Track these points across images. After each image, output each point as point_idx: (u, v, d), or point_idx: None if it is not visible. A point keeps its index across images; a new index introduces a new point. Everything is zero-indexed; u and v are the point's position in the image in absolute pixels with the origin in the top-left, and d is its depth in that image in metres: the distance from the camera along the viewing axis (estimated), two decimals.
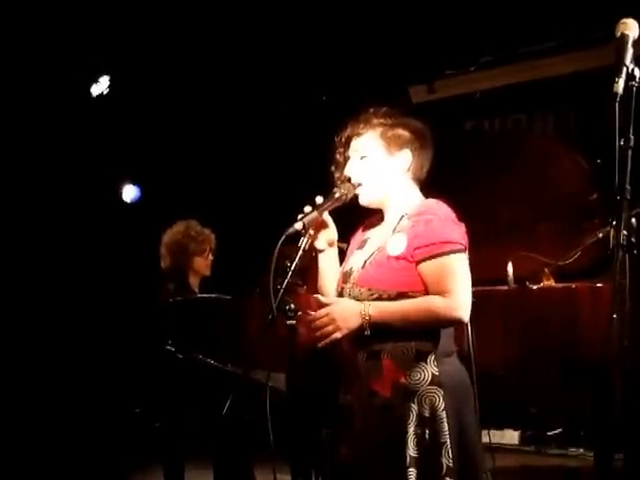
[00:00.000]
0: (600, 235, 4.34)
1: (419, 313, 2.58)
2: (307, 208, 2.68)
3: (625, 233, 2.16)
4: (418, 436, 2.55)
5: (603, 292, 4.07)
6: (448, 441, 2.53)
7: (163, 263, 4.65)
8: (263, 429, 2.63)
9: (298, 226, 2.63)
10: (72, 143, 6.93)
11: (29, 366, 6.40)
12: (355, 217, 2.90)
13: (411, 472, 2.52)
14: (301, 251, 2.64)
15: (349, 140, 2.78)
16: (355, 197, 2.76)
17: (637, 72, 2.23)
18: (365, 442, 2.62)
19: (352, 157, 2.77)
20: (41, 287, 6.67)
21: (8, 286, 6.51)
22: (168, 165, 7.41)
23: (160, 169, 7.41)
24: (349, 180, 2.75)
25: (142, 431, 4.53)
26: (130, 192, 7.61)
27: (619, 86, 2.19)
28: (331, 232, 2.80)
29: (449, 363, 2.64)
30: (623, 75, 2.21)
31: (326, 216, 2.75)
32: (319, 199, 2.71)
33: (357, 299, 2.65)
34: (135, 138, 7.26)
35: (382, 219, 2.81)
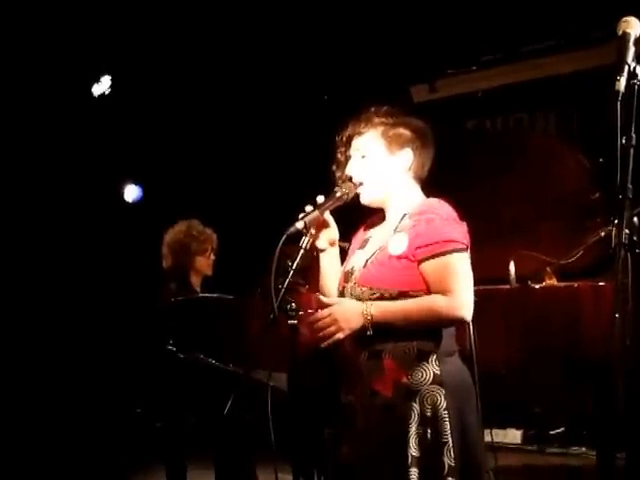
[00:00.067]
0: (602, 234, 4.33)
1: (421, 312, 2.57)
2: (308, 207, 2.68)
3: (627, 232, 2.16)
4: (420, 436, 2.54)
5: (605, 291, 4.06)
6: (450, 441, 2.53)
7: (165, 263, 4.65)
8: (265, 429, 2.63)
9: (299, 225, 2.63)
10: (74, 143, 6.93)
11: (31, 366, 6.40)
12: (356, 216, 2.89)
13: (413, 472, 2.51)
14: (302, 250, 2.64)
15: (350, 139, 2.77)
16: (356, 196, 2.76)
17: (639, 70, 2.22)
18: (367, 442, 2.61)
19: (353, 156, 2.77)
20: (43, 287, 6.67)
21: (10, 286, 6.51)
22: (170, 165, 7.41)
23: (162, 169, 7.42)
24: (350, 179, 2.75)
25: (144, 431, 4.53)
26: (132, 192, 7.62)
27: (621, 84, 2.19)
28: (332, 231, 2.79)
29: (451, 362, 2.64)
30: (625, 73, 2.20)
31: (327, 215, 2.74)
32: (320, 198, 2.70)
33: (358, 298, 2.65)
34: (137, 138, 7.26)
35: (383, 218, 2.81)
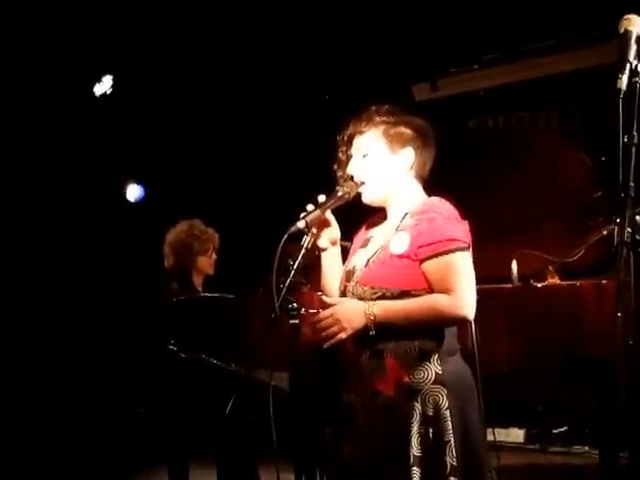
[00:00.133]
0: (605, 232, 4.33)
1: (423, 312, 2.57)
2: (310, 206, 2.67)
3: (629, 230, 2.16)
4: (422, 435, 2.54)
5: (608, 290, 4.05)
6: (452, 440, 2.53)
7: (167, 262, 4.65)
8: (266, 428, 2.63)
9: (301, 225, 2.62)
10: (76, 143, 6.93)
11: (33, 366, 6.40)
12: (358, 216, 2.89)
13: (415, 471, 2.51)
14: (304, 250, 2.64)
15: (351, 138, 2.77)
16: (358, 195, 2.75)
17: None
18: (369, 441, 2.61)
19: (354, 155, 2.76)
20: (45, 286, 6.67)
21: (11, 285, 6.52)
22: (172, 164, 7.41)
23: (164, 168, 7.42)
24: (352, 178, 2.75)
25: (146, 431, 4.53)
26: (134, 191, 7.62)
27: (622, 82, 2.19)
28: (334, 231, 2.79)
29: (453, 362, 2.63)
30: (626, 71, 2.20)
31: (329, 214, 2.74)
32: (322, 198, 2.70)
33: (360, 298, 2.64)
34: (138, 138, 7.26)
35: (385, 217, 2.80)
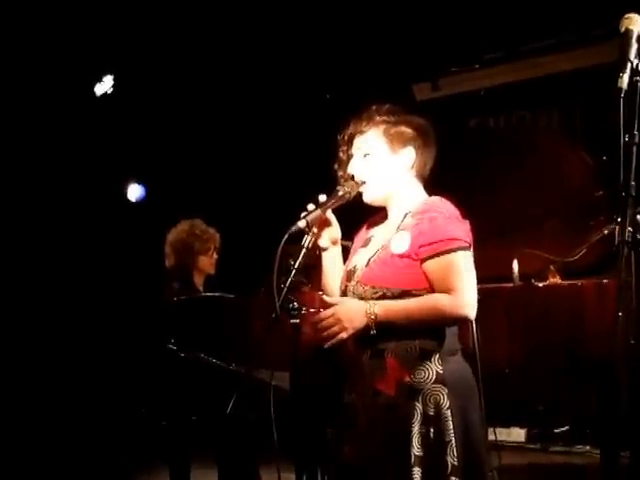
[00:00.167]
0: (606, 232, 4.32)
1: (424, 311, 2.57)
2: (310, 206, 2.67)
3: (630, 230, 2.15)
4: (423, 435, 2.54)
5: (609, 289, 4.05)
6: (453, 440, 2.53)
7: (168, 262, 4.64)
8: (267, 428, 2.63)
9: (301, 224, 2.62)
10: (77, 143, 6.93)
11: (34, 365, 6.41)
12: (359, 215, 2.89)
13: (416, 471, 2.51)
14: (304, 249, 2.64)
15: (352, 138, 2.76)
16: (359, 195, 2.75)
17: None
18: (369, 441, 2.60)
19: (355, 155, 2.76)
20: (46, 286, 6.67)
21: (12, 285, 6.52)
22: (172, 164, 7.41)
23: (164, 168, 7.41)
24: (352, 178, 2.74)
25: (147, 431, 4.53)
26: (135, 191, 7.62)
27: (623, 81, 2.18)
28: (334, 230, 2.79)
29: (453, 361, 2.63)
30: (627, 70, 2.20)
31: (329, 214, 2.74)
32: (322, 197, 2.70)
33: (361, 297, 2.64)
34: (140, 137, 7.26)
35: (386, 217, 2.80)
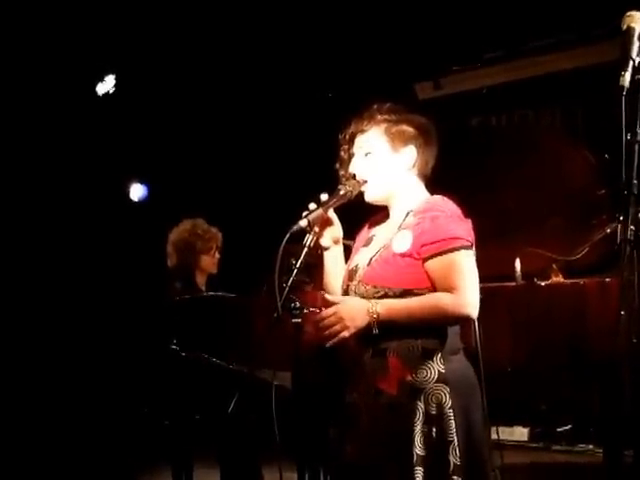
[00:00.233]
0: (608, 230, 4.32)
1: (426, 310, 2.56)
2: (312, 205, 2.67)
3: (632, 228, 2.15)
4: (425, 434, 2.53)
5: (611, 288, 4.05)
6: (455, 439, 2.52)
7: (170, 261, 4.64)
8: (269, 428, 2.62)
9: (303, 223, 2.62)
10: (79, 142, 6.93)
11: (36, 365, 6.41)
12: (360, 214, 2.88)
13: (418, 470, 2.51)
14: (306, 249, 2.63)
15: (353, 137, 2.76)
16: (360, 194, 2.75)
17: None
18: (372, 441, 2.60)
19: (357, 154, 2.76)
20: (48, 286, 6.68)
21: (15, 284, 6.52)
22: (175, 164, 7.41)
23: (167, 168, 7.42)
24: (354, 177, 2.74)
25: (150, 430, 4.53)
26: (137, 191, 7.63)
27: (625, 79, 2.18)
28: (336, 229, 2.78)
29: (456, 360, 2.62)
30: (629, 68, 2.19)
31: (331, 213, 2.73)
32: (324, 196, 2.70)
33: (363, 297, 2.63)
34: (142, 137, 7.26)
35: (387, 216, 2.80)
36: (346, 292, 2.73)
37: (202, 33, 6.83)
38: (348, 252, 2.88)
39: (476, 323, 3.44)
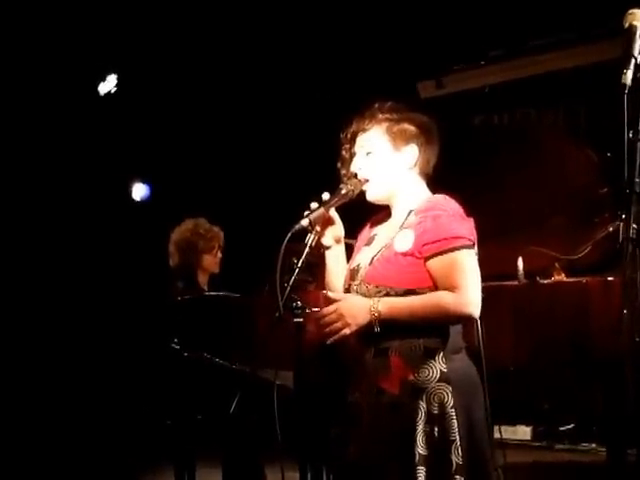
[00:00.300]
0: (610, 229, 4.31)
1: (428, 309, 2.56)
2: (313, 204, 2.67)
3: (635, 227, 2.14)
4: (427, 434, 2.53)
5: (614, 286, 4.03)
6: (457, 438, 2.52)
7: (172, 261, 4.65)
8: (271, 427, 2.62)
9: (305, 223, 2.62)
10: (81, 142, 6.94)
11: (38, 364, 6.41)
12: (362, 213, 2.88)
13: (420, 470, 2.50)
14: (308, 248, 2.63)
15: (355, 136, 2.76)
16: (362, 193, 2.74)
17: None
18: (374, 440, 2.60)
19: (358, 153, 2.75)
20: (50, 285, 6.68)
21: (17, 284, 6.52)
22: (177, 163, 7.41)
23: (169, 167, 7.42)
24: (355, 176, 2.74)
25: (152, 430, 4.53)
26: (139, 190, 7.63)
27: (627, 78, 2.17)
28: (337, 228, 2.78)
29: (458, 360, 2.62)
30: (631, 66, 2.19)
31: (333, 212, 2.73)
32: (326, 195, 2.69)
33: (364, 296, 2.63)
34: (144, 137, 7.26)
35: (389, 215, 2.79)
36: (348, 291, 2.73)
37: (204, 32, 6.83)
38: (350, 251, 2.88)
39: (478, 322, 3.43)
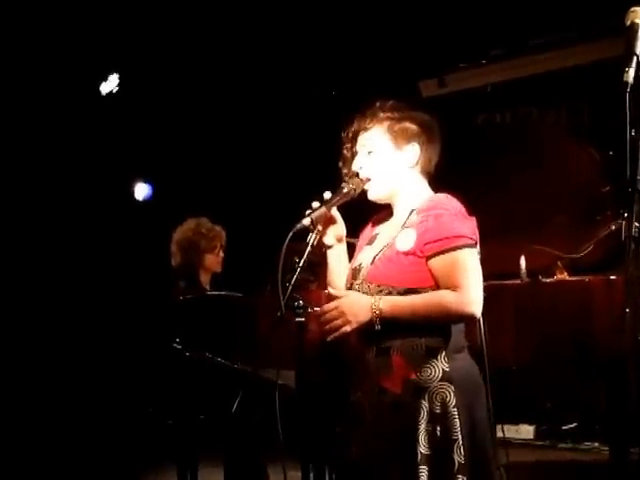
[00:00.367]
0: (613, 227, 4.31)
1: (430, 308, 2.56)
2: (315, 204, 2.66)
3: (637, 225, 2.14)
4: (429, 433, 2.52)
5: (617, 285, 4.03)
6: (459, 438, 2.51)
7: (174, 261, 4.64)
8: (273, 427, 2.62)
9: (306, 222, 2.61)
10: (83, 142, 6.94)
11: (40, 364, 6.41)
12: (364, 212, 2.87)
13: (422, 469, 2.50)
14: (309, 247, 2.63)
15: (356, 135, 2.76)
16: (363, 192, 2.74)
17: None
18: (376, 439, 2.59)
19: (360, 152, 2.75)
20: (52, 285, 6.68)
21: (18, 284, 6.53)
22: (179, 163, 7.41)
23: (171, 167, 7.42)
24: (357, 175, 2.74)
25: (155, 430, 4.52)
26: (142, 190, 7.64)
27: (629, 76, 2.16)
28: (339, 228, 2.78)
29: (460, 359, 2.61)
30: (633, 64, 2.18)
31: (334, 211, 2.73)
32: (327, 194, 2.69)
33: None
34: (146, 136, 7.26)
35: (391, 214, 2.79)
36: (350, 290, 2.72)
37: (206, 32, 6.83)
38: (352, 250, 2.87)
39: (481, 321, 3.43)
